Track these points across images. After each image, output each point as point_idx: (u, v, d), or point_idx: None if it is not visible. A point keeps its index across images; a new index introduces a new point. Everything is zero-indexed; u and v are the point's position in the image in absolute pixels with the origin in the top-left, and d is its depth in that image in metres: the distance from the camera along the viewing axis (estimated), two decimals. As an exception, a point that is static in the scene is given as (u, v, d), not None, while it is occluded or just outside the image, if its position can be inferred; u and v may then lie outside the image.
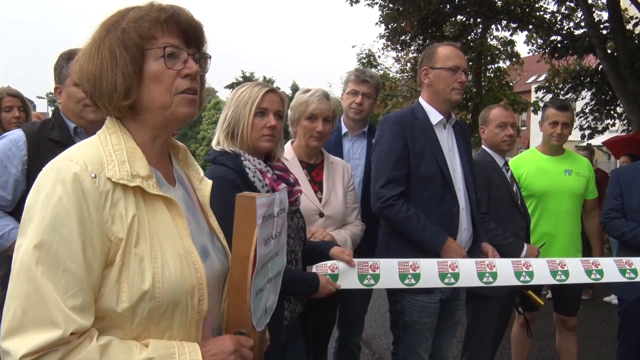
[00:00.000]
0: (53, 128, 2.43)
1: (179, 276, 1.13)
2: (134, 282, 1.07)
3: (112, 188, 1.09)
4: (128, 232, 1.08)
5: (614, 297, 5.70)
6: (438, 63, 2.69)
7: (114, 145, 1.16)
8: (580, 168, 3.62)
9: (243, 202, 1.18)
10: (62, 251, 1.02)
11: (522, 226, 3.26)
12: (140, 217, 1.11)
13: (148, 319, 1.09)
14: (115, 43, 1.14)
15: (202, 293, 1.17)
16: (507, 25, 12.84)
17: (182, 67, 1.18)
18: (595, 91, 12.11)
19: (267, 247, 1.24)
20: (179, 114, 1.19)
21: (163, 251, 1.12)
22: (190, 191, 1.35)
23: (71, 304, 1.01)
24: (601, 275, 2.53)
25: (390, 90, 17.96)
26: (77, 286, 1.02)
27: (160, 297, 1.09)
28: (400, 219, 2.54)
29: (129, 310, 1.07)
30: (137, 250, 1.09)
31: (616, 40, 8.92)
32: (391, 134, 2.64)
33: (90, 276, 1.04)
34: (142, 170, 1.14)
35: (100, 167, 1.10)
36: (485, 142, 3.45)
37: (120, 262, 1.07)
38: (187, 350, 1.11)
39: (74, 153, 1.12)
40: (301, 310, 2.22)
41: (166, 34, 1.17)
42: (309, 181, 2.69)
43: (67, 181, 1.04)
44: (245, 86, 2.12)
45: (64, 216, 1.03)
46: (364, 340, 4.95)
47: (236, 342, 1.18)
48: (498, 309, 3.10)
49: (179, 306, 1.13)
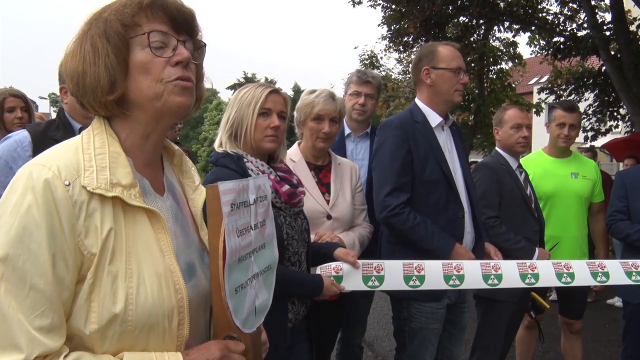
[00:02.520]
0: (58, 129, 2.43)
1: (155, 298, 1.03)
2: (105, 302, 0.98)
3: (87, 198, 1.00)
4: (102, 247, 0.99)
5: (618, 299, 5.69)
6: (441, 63, 2.64)
7: (97, 148, 1.06)
8: (586, 171, 3.60)
9: (211, 193, 1.05)
10: (29, 266, 0.93)
11: (535, 230, 3.22)
12: (118, 231, 1.02)
13: (120, 343, 1.00)
14: (97, 35, 1.05)
15: (182, 317, 1.08)
16: (510, 26, 12.80)
17: (171, 55, 1.08)
18: (599, 93, 12.06)
19: (244, 239, 1.12)
20: (171, 104, 1.08)
21: (140, 269, 1.03)
22: (181, 201, 1.25)
23: (38, 324, 0.92)
24: (607, 278, 2.50)
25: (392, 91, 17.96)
26: (45, 305, 0.93)
27: (134, 320, 1.00)
28: (408, 228, 2.48)
29: (98, 333, 0.98)
30: (110, 268, 0.99)
31: (619, 42, 8.88)
32: (394, 139, 2.58)
33: (61, 293, 0.96)
34: (124, 179, 1.05)
35: (76, 173, 1.01)
36: (499, 143, 3.39)
37: (91, 280, 0.98)
38: None
39: (48, 157, 1.03)
40: (305, 312, 2.20)
41: (151, 20, 1.08)
42: (317, 183, 2.67)
43: (37, 189, 0.95)
44: (248, 87, 2.11)
45: (33, 228, 0.94)
46: (367, 342, 4.94)
47: (223, 348, 1.08)
48: (508, 313, 3.07)
49: (154, 330, 1.03)
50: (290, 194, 2.07)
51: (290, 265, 2.08)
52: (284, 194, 2.05)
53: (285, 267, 2.05)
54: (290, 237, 2.07)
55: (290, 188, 2.09)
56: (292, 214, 2.13)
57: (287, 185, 2.09)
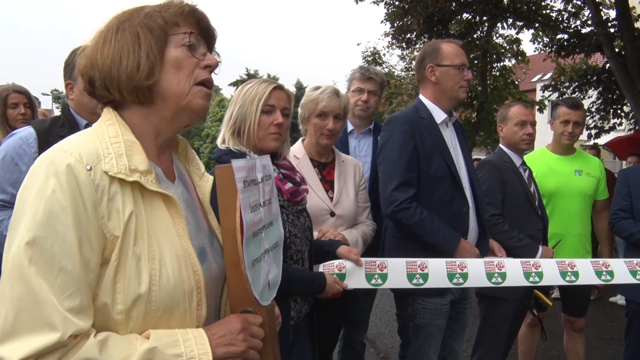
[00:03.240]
0: (63, 125, 2.42)
1: (176, 279, 1.07)
2: (130, 283, 1.02)
3: (108, 182, 1.03)
4: (125, 230, 1.03)
5: (620, 297, 5.67)
6: (445, 60, 2.64)
7: (112, 137, 1.10)
8: (591, 168, 3.58)
9: (221, 173, 1.12)
10: (57, 249, 0.96)
11: (539, 227, 3.20)
12: (138, 214, 1.06)
13: (144, 323, 1.04)
14: (139, 25, 1.13)
15: (200, 297, 1.13)
16: (513, 23, 12.75)
17: (202, 58, 1.18)
18: (602, 90, 12.03)
19: (256, 215, 1.17)
20: (194, 105, 1.17)
21: (161, 252, 1.07)
22: (190, 188, 1.30)
23: (68, 305, 0.95)
24: (611, 277, 2.49)
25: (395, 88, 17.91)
26: (73, 286, 0.96)
27: (157, 301, 1.04)
28: (415, 223, 2.48)
29: (124, 313, 1.02)
30: (135, 250, 1.03)
31: (624, 39, 8.85)
32: (401, 134, 2.57)
33: (88, 275, 0.99)
34: (141, 165, 1.09)
35: (97, 159, 1.04)
36: (503, 140, 3.37)
37: (116, 262, 1.01)
38: (191, 336, 1.06)
39: (68, 144, 1.06)
40: (308, 310, 2.19)
41: (188, 25, 1.18)
42: (320, 180, 2.66)
43: (60, 173, 0.99)
44: (251, 83, 2.09)
45: (59, 211, 0.97)
46: (369, 339, 4.94)
47: (243, 321, 1.13)
48: (511, 310, 3.06)
49: (176, 310, 1.08)
50: (293, 192, 2.07)
51: (293, 263, 2.08)
52: (287, 192, 2.04)
53: (288, 265, 2.04)
54: (293, 235, 2.06)
55: (293, 186, 2.08)
56: (294, 211, 2.12)
57: (290, 183, 2.08)
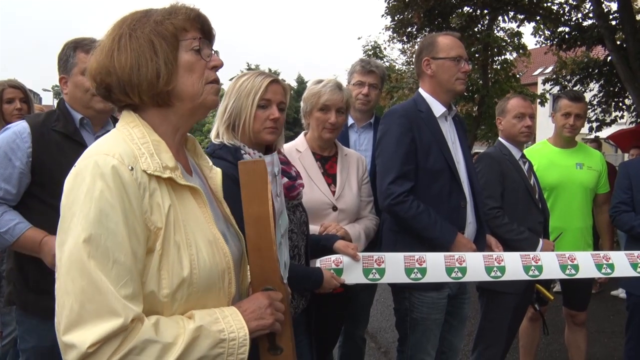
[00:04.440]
0: (58, 120, 2.38)
1: (212, 261, 1.20)
2: (174, 269, 1.13)
3: (147, 179, 1.14)
4: (166, 221, 1.14)
5: (621, 290, 5.66)
6: (441, 53, 2.64)
7: (139, 138, 1.20)
8: (592, 161, 3.56)
9: (251, 167, 1.28)
10: (110, 243, 1.06)
11: (539, 220, 3.18)
12: (174, 207, 1.17)
13: (186, 304, 1.16)
14: (151, 33, 1.21)
15: (230, 276, 1.26)
16: (514, 16, 12.68)
17: (209, 60, 1.27)
18: (604, 83, 11.97)
19: (276, 204, 1.33)
20: (208, 102, 1.27)
21: (196, 239, 1.19)
22: (203, 180, 1.41)
23: (124, 293, 1.06)
24: (612, 270, 2.48)
25: (396, 82, 17.87)
26: (127, 276, 1.07)
27: (197, 282, 1.16)
28: (411, 216, 2.47)
29: (169, 297, 1.13)
30: (175, 239, 1.15)
31: (625, 32, 8.78)
32: (398, 127, 2.57)
33: (137, 265, 1.10)
34: (170, 162, 1.20)
35: (135, 159, 1.14)
36: (502, 133, 3.35)
37: (160, 251, 1.13)
38: (227, 313, 1.19)
39: (106, 147, 1.15)
40: (305, 305, 2.17)
41: (194, 29, 1.26)
42: (323, 174, 2.64)
43: (106, 175, 1.08)
44: (247, 75, 2.04)
45: (109, 209, 1.07)
46: (370, 333, 4.94)
47: (268, 297, 1.28)
48: (512, 305, 3.04)
49: (213, 290, 1.21)
50: (289, 187, 2.04)
51: (290, 258, 2.05)
52: (283, 187, 2.01)
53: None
54: (289, 230, 2.04)
55: (289, 181, 2.06)
56: (290, 206, 2.09)
57: (285, 178, 2.05)
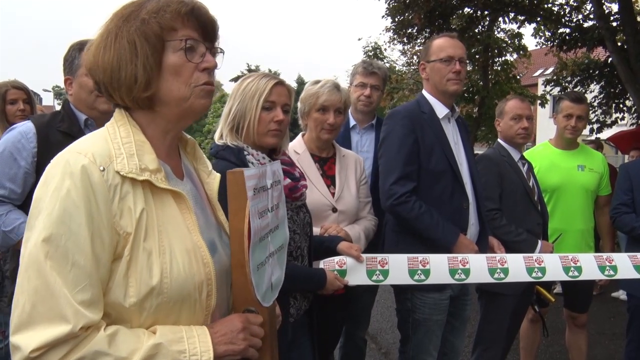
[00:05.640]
0: (63, 120, 2.40)
1: (187, 271, 1.13)
2: (142, 277, 1.07)
3: (120, 181, 1.09)
4: (136, 226, 1.08)
5: (622, 292, 5.65)
6: (432, 56, 2.66)
7: (123, 138, 1.15)
8: (593, 163, 3.56)
9: (233, 178, 1.18)
10: (70, 245, 1.02)
11: (538, 222, 3.18)
12: (149, 211, 1.12)
13: (156, 314, 1.10)
14: (135, 33, 1.13)
15: (210, 288, 1.18)
16: (515, 17, 12.67)
17: (200, 61, 1.19)
18: (604, 84, 11.97)
19: (264, 220, 1.25)
20: (197, 106, 1.20)
21: (171, 246, 1.13)
22: (198, 185, 1.35)
23: (80, 298, 1.01)
24: (615, 272, 2.47)
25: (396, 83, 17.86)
26: (85, 280, 1.02)
27: (169, 292, 1.10)
28: (414, 217, 2.48)
29: (137, 305, 1.07)
30: (145, 245, 1.09)
31: (626, 33, 8.77)
32: (401, 128, 2.57)
33: (99, 270, 1.05)
34: (151, 164, 1.14)
35: (109, 160, 1.10)
36: (500, 135, 3.36)
37: (128, 257, 1.07)
38: (195, 334, 1.11)
39: (82, 145, 1.12)
40: (307, 306, 2.18)
41: (185, 27, 1.18)
42: (321, 175, 2.64)
43: (75, 174, 1.04)
44: (251, 77, 2.05)
45: (73, 210, 1.03)
46: (370, 334, 4.93)
47: (244, 320, 1.19)
48: (511, 306, 3.04)
49: (187, 301, 1.13)
50: (292, 188, 2.04)
51: (293, 259, 2.06)
52: (285, 188, 2.01)
53: (288, 262, 2.02)
54: (292, 231, 2.03)
55: (292, 182, 2.06)
56: (293, 207, 2.10)
57: (289, 179, 2.06)
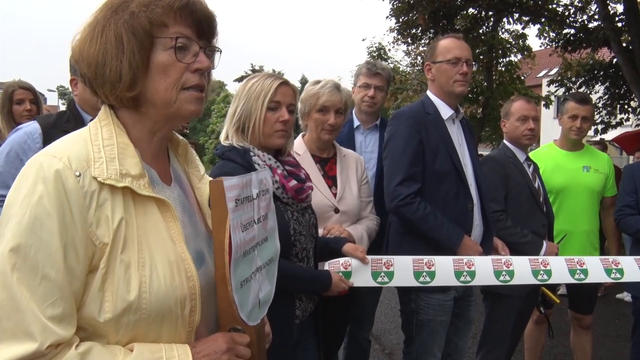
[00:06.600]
0: (69, 121, 2.41)
1: (168, 286, 1.04)
2: (119, 291, 0.99)
3: (98, 188, 1.00)
4: (114, 237, 1.00)
5: (627, 294, 5.64)
6: (439, 57, 2.65)
7: (105, 139, 1.06)
8: (599, 164, 3.54)
9: (214, 187, 1.07)
10: (41, 256, 0.93)
11: (544, 223, 3.16)
12: (129, 221, 1.03)
13: (134, 330, 1.01)
14: (122, 27, 1.04)
15: (194, 304, 1.09)
16: (519, 18, 12.68)
17: (192, 61, 1.09)
18: (609, 85, 11.95)
19: (249, 233, 1.14)
20: (184, 112, 1.10)
21: (152, 258, 1.04)
22: (188, 190, 1.26)
23: (50, 313, 0.93)
24: (621, 275, 2.46)
25: (400, 83, 17.86)
26: (56, 294, 0.94)
27: (147, 308, 1.01)
28: (418, 218, 2.47)
29: (113, 321, 0.99)
30: (123, 257, 1.00)
31: (631, 33, 8.76)
32: (406, 129, 2.57)
33: (72, 283, 0.96)
34: (133, 169, 1.05)
35: (86, 164, 1.01)
36: (506, 136, 3.35)
37: (104, 269, 0.98)
38: (176, 354, 1.03)
39: (58, 148, 1.03)
40: (313, 308, 2.17)
41: (178, 23, 1.08)
42: (323, 176, 2.63)
43: (48, 179, 0.96)
44: (256, 77, 2.04)
45: (45, 218, 0.94)
46: (374, 335, 4.93)
47: (229, 340, 1.10)
48: (516, 307, 3.04)
49: (168, 318, 1.05)
50: (298, 190, 2.03)
51: (298, 261, 2.05)
52: (291, 189, 2.00)
53: (293, 264, 2.02)
54: (297, 232, 2.03)
55: (298, 183, 2.05)
56: (299, 209, 2.09)
57: (295, 181, 2.04)
